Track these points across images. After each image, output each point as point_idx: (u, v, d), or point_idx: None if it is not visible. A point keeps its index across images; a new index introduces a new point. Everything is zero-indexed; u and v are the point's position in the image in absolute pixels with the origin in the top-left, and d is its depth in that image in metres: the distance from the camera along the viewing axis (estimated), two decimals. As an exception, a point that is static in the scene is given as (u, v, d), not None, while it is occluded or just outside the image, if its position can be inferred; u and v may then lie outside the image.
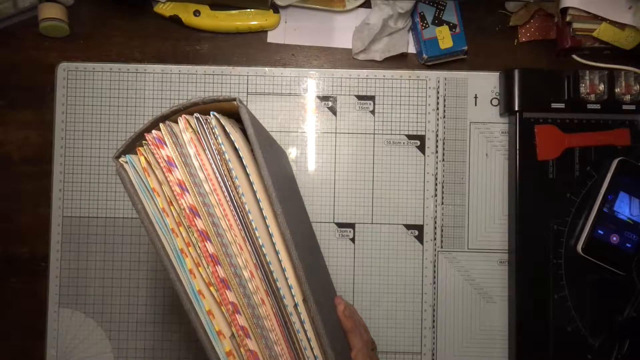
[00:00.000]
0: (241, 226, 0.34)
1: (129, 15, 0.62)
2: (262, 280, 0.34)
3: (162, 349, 0.59)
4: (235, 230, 0.33)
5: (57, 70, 0.61)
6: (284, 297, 0.34)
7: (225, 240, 0.33)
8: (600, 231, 0.55)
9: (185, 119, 0.33)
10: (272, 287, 0.34)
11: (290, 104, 0.61)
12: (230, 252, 0.33)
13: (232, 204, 0.34)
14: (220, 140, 0.33)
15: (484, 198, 0.60)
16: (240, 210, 0.34)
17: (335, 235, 0.60)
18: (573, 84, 0.57)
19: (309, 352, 0.35)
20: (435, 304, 0.60)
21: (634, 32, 0.57)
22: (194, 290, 0.33)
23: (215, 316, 0.33)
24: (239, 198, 0.34)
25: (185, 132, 0.33)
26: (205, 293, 0.33)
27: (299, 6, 0.61)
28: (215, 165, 0.33)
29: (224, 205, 0.33)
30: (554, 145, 0.57)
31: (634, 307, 0.56)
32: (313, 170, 0.61)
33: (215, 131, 0.33)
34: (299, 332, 0.35)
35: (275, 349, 0.34)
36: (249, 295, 0.33)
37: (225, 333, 0.33)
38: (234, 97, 0.34)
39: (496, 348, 0.59)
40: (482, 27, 0.62)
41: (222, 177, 0.34)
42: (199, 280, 0.33)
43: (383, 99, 0.61)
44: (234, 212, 0.34)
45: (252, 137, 0.34)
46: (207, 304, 0.33)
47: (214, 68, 0.61)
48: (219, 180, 0.33)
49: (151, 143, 0.33)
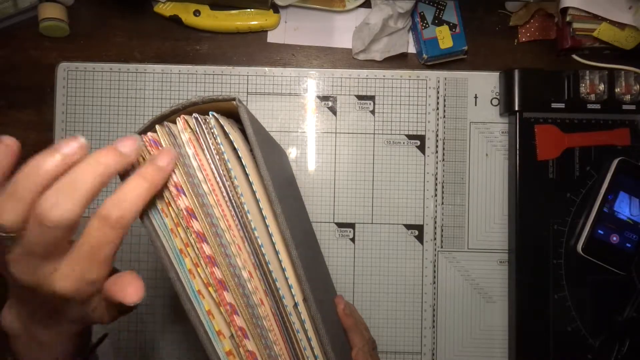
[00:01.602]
0: (240, 226, 0.34)
1: (129, 15, 0.62)
2: (261, 280, 0.34)
3: (162, 349, 0.59)
4: (234, 230, 0.33)
5: (57, 70, 0.61)
6: (283, 297, 0.34)
7: (224, 241, 0.33)
8: (600, 231, 0.55)
9: (183, 119, 0.33)
10: (272, 287, 0.34)
11: (290, 104, 0.61)
12: (229, 252, 0.33)
13: (230, 204, 0.34)
14: (219, 141, 0.33)
15: (484, 198, 0.60)
16: (239, 210, 0.34)
17: (335, 235, 0.60)
18: (573, 84, 0.57)
19: (308, 352, 0.35)
20: (435, 304, 0.60)
21: (634, 32, 0.57)
22: (193, 290, 0.33)
23: (215, 316, 0.33)
24: (237, 198, 0.34)
25: (184, 132, 0.33)
26: (205, 293, 0.33)
27: (299, 6, 0.61)
28: (214, 166, 0.33)
29: (223, 206, 0.33)
30: (554, 145, 0.57)
31: (634, 307, 0.56)
32: (313, 170, 0.61)
33: (214, 131, 0.33)
34: (299, 332, 0.35)
35: (274, 349, 0.34)
36: (248, 296, 0.33)
37: (225, 333, 0.33)
38: (233, 96, 0.34)
39: (496, 348, 0.59)
40: (482, 27, 0.62)
41: (220, 177, 0.33)
42: (198, 280, 0.33)
43: (383, 99, 0.61)
44: (232, 213, 0.34)
45: (251, 137, 0.34)
46: (206, 304, 0.33)
47: (214, 68, 0.61)
48: (218, 180, 0.33)
49: (147, 144, 0.33)
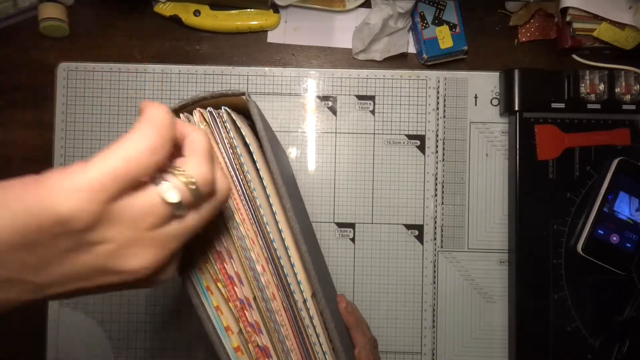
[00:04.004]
0: (253, 220, 0.34)
1: (129, 15, 0.62)
2: (273, 274, 0.34)
3: (162, 349, 0.59)
4: (247, 224, 0.34)
5: (57, 70, 0.61)
6: (294, 292, 0.34)
7: (240, 234, 0.33)
8: (600, 231, 0.55)
9: (199, 112, 0.34)
10: (283, 282, 0.35)
11: (290, 103, 0.61)
12: (244, 245, 0.33)
13: (244, 197, 0.34)
14: (232, 135, 0.33)
15: (484, 198, 0.60)
16: (251, 204, 0.34)
17: (335, 235, 0.60)
18: (573, 84, 0.57)
19: (318, 348, 0.35)
20: (435, 304, 0.60)
21: (634, 32, 0.57)
22: (202, 286, 0.33)
23: (224, 312, 0.33)
24: (250, 192, 0.34)
25: (200, 124, 0.33)
26: (213, 289, 0.33)
27: (299, 6, 0.61)
28: (228, 159, 0.34)
29: (237, 200, 0.33)
30: (554, 145, 0.57)
31: (634, 307, 0.56)
32: (313, 170, 0.61)
33: (227, 125, 0.34)
34: (309, 328, 0.35)
35: (286, 343, 0.34)
36: (262, 289, 0.34)
37: (233, 329, 0.34)
38: (242, 91, 0.34)
39: (496, 348, 0.59)
40: (482, 27, 0.62)
41: (235, 170, 0.34)
42: (207, 276, 0.33)
43: (383, 99, 0.61)
44: (246, 207, 0.34)
45: (261, 131, 0.35)
46: (215, 300, 0.33)
47: (214, 68, 0.61)
48: (232, 174, 0.34)
49: None
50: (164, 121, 0.24)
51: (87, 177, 0.21)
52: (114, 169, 0.22)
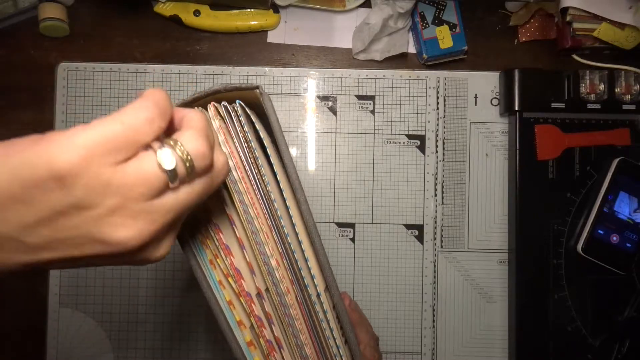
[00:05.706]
0: (268, 215, 0.34)
1: (129, 15, 0.62)
2: (287, 269, 0.34)
3: (162, 349, 0.59)
4: (262, 218, 0.34)
5: (57, 70, 0.61)
6: (307, 286, 0.34)
7: (254, 228, 0.33)
8: (600, 231, 0.55)
9: (214, 105, 0.34)
10: (297, 276, 0.35)
11: (290, 103, 0.61)
12: (258, 239, 0.33)
13: (259, 191, 0.34)
14: (246, 129, 0.33)
15: (484, 198, 0.60)
16: (266, 198, 0.34)
17: (335, 235, 0.60)
18: (573, 84, 0.57)
19: (332, 342, 0.35)
20: (435, 304, 0.60)
21: (634, 32, 0.57)
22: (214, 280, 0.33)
23: (236, 307, 0.34)
24: (264, 186, 0.34)
25: (214, 119, 0.33)
26: (225, 283, 0.33)
27: (299, 6, 0.61)
28: (242, 153, 0.34)
29: (251, 194, 0.33)
30: (554, 145, 0.57)
31: (634, 307, 0.56)
32: (313, 170, 0.61)
33: (242, 119, 0.33)
34: (323, 322, 0.35)
35: (300, 337, 0.34)
36: (277, 284, 0.34)
37: (245, 323, 0.34)
38: (256, 85, 0.34)
39: (496, 348, 0.59)
40: (482, 27, 0.62)
41: (249, 165, 0.34)
42: (218, 271, 0.33)
43: (383, 99, 0.61)
44: (260, 201, 0.34)
45: (274, 124, 0.34)
46: (227, 294, 0.33)
47: (214, 68, 0.61)
48: (246, 168, 0.34)
49: None
50: (162, 98, 0.25)
51: (86, 136, 0.22)
52: (113, 132, 0.23)
